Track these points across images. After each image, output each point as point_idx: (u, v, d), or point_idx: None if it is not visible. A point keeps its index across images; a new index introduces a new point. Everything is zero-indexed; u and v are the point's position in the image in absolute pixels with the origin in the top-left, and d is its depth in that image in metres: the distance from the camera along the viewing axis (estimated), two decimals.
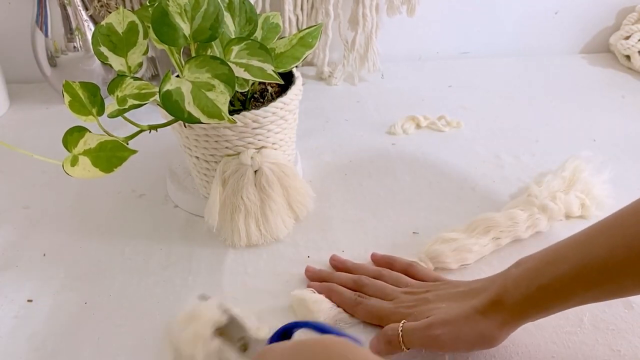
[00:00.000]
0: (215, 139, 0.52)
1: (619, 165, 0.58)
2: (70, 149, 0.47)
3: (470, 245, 0.53)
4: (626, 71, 0.92)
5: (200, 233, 0.58)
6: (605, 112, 0.80)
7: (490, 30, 0.96)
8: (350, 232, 0.58)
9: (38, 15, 0.77)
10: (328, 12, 0.83)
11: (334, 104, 0.84)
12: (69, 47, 0.78)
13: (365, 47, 0.87)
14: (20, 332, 0.48)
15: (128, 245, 0.57)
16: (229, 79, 0.45)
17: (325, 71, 0.90)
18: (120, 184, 0.65)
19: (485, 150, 0.71)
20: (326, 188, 0.64)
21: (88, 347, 0.46)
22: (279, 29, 0.56)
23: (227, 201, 0.54)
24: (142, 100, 0.47)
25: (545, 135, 0.74)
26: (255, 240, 0.55)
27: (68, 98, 0.48)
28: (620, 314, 0.48)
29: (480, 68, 0.93)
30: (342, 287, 0.49)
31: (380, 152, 0.71)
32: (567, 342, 0.46)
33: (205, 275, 0.53)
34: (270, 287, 0.52)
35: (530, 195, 0.58)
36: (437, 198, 0.63)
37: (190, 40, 0.47)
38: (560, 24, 0.96)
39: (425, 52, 0.98)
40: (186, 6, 0.46)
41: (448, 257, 0.52)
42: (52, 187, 0.66)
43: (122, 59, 0.50)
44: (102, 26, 0.50)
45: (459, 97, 0.84)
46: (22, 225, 0.60)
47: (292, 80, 0.57)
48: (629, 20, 0.93)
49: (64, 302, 0.51)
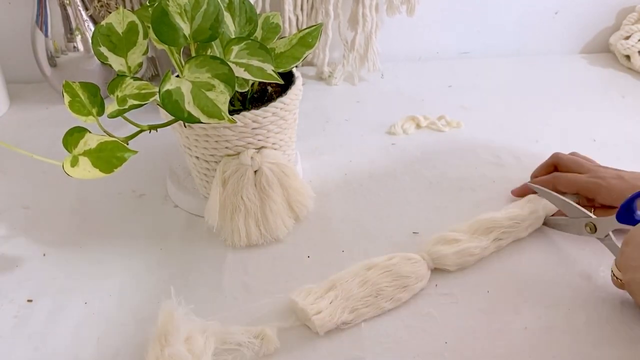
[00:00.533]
0: (215, 139, 0.52)
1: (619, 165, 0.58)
2: (71, 149, 0.47)
3: (472, 248, 0.53)
4: (626, 71, 0.92)
5: (200, 233, 0.58)
6: (605, 112, 0.80)
7: (490, 30, 0.96)
8: (350, 232, 0.58)
9: (38, 15, 0.77)
10: (328, 12, 0.83)
11: (334, 104, 0.84)
12: (69, 47, 0.78)
13: (365, 47, 0.87)
14: (20, 332, 0.48)
15: (128, 245, 0.57)
16: (229, 78, 0.45)
17: (325, 71, 0.90)
18: (120, 184, 0.65)
19: (485, 150, 0.71)
20: (326, 188, 0.64)
21: (88, 347, 0.47)
22: (279, 29, 0.56)
23: (227, 201, 0.54)
24: (142, 101, 0.47)
25: (545, 135, 0.74)
26: (255, 240, 0.55)
27: (68, 98, 0.48)
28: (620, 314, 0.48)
29: (480, 68, 0.93)
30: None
31: (380, 152, 0.71)
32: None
33: (205, 275, 0.53)
34: (270, 287, 0.52)
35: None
36: (437, 198, 0.63)
37: (190, 40, 0.47)
38: (560, 24, 0.96)
39: (425, 52, 0.98)
40: (186, 6, 0.46)
41: (449, 259, 0.52)
42: (52, 187, 0.66)
43: (122, 59, 0.50)
44: (102, 26, 0.50)
45: (459, 97, 0.84)
46: (22, 225, 0.60)
47: (292, 80, 0.57)
48: (629, 20, 0.93)
49: (64, 302, 0.51)
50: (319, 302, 0.48)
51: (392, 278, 0.50)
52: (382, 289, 0.49)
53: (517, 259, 0.54)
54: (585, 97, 0.84)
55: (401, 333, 0.47)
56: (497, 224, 0.54)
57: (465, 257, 0.52)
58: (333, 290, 0.49)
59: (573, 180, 0.57)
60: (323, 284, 0.50)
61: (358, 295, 0.49)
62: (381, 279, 0.50)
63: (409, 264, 0.51)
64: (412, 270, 0.50)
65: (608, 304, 0.49)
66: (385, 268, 0.51)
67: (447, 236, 0.53)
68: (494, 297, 0.50)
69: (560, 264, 0.53)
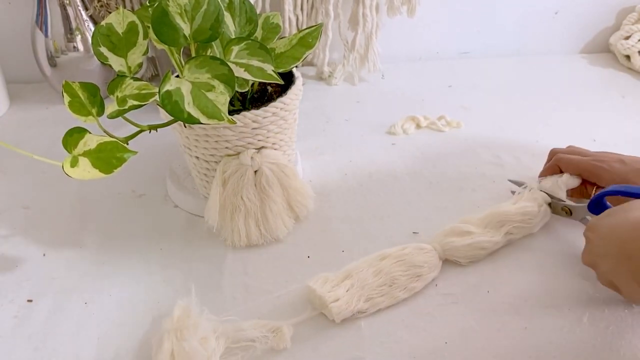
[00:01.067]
0: (215, 139, 0.52)
1: None
2: (70, 150, 0.47)
3: (484, 242, 0.53)
4: (626, 71, 0.92)
5: (200, 233, 0.58)
6: (605, 112, 0.80)
7: (490, 30, 0.96)
8: (350, 232, 0.58)
9: (38, 15, 0.77)
10: (328, 12, 0.83)
11: (334, 104, 0.84)
12: (69, 47, 0.78)
13: (366, 48, 0.87)
14: (20, 332, 0.48)
15: (128, 245, 0.57)
16: (229, 79, 0.45)
17: (325, 71, 0.90)
18: (120, 184, 0.65)
19: (485, 150, 0.71)
20: (326, 188, 0.64)
21: (88, 347, 0.47)
22: (279, 29, 0.56)
23: (227, 201, 0.54)
24: (142, 101, 0.47)
25: (545, 135, 0.74)
26: (255, 240, 0.56)
27: (68, 98, 0.48)
28: (620, 314, 0.48)
29: (480, 68, 0.93)
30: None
31: (380, 152, 0.71)
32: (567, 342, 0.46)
33: (205, 275, 0.53)
34: (270, 287, 0.52)
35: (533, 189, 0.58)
36: (437, 198, 0.63)
37: (190, 40, 0.47)
38: (560, 24, 0.96)
39: (425, 52, 0.98)
40: (186, 6, 0.46)
41: (460, 251, 0.52)
42: (52, 187, 0.66)
43: (122, 59, 0.50)
44: (102, 26, 0.50)
45: (459, 97, 0.84)
46: (22, 225, 0.60)
47: (292, 80, 0.57)
48: (629, 20, 0.93)
49: (64, 302, 0.51)
50: (335, 290, 0.48)
51: (406, 267, 0.50)
52: (396, 278, 0.50)
53: (517, 259, 0.54)
54: (585, 97, 0.84)
55: (401, 333, 0.47)
56: (509, 218, 0.55)
57: (477, 250, 0.53)
58: (349, 279, 0.49)
59: (576, 162, 0.57)
60: (339, 273, 0.50)
61: (373, 284, 0.49)
62: (395, 268, 0.50)
63: (422, 253, 0.52)
64: (425, 260, 0.51)
65: (608, 304, 0.49)
66: (398, 258, 0.51)
67: (459, 227, 0.54)
68: (494, 297, 0.50)
69: (561, 263, 0.53)
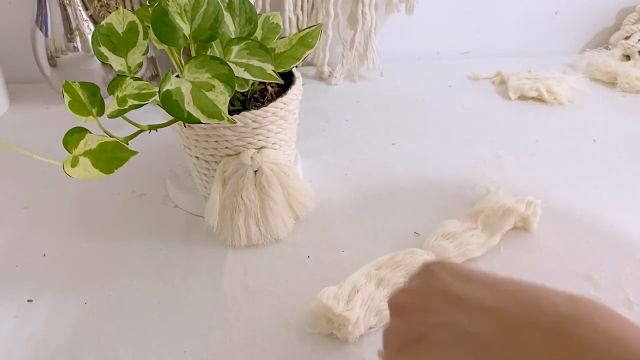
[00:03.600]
0: (215, 139, 0.52)
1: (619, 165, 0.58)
2: (71, 149, 0.47)
3: (467, 237, 0.54)
4: None
5: (200, 233, 0.58)
6: (605, 112, 0.80)
7: (490, 30, 0.96)
8: (350, 232, 0.58)
9: (38, 15, 0.77)
10: (328, 12, 0.83)
11: (334, 104, 0.84)
12: (69, 47, 0.78)
13: (365, 46, 0.87)
14: (20, 332, 0.48)
15: (128, 245, 0.57)
16: (229, 79, 0.45)
17: (325, 71, 0.90)
18: (120, 184, 0.65)
19: (485, 150, 0.71)
20: (326, 188, 0.64)
21: (88, 347, 0.47)
22: (279, 29, 0.56)
23: (227, 201, 0.54)
24: (142, 101, 0.47)
25: (545, 135, 0.74)
26: (255, 240, 0.56)
27: (68, 98, 0.48)
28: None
29: (480, 68, 0.93)
30: None
31: (380, 152, 0.71)
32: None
33: (205, 275, 0.53)
34: (270, 287, 0.52)
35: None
36: (437, 198, 0.63)
37: (190, 40, 0.47)
38: (560, 24, 0.96)
39: (425, 52, 0.98)
40: (186, 6, 0.46)
41: (451, 252, 0.53)
42: (52, 187, 0.66)
43: (122, 59, 0.50)
44: (102, 26, 0.50)
45: (459, 97, 0.84)
46: (22, 225, 0.60)
47: (292, 80, 0.57)
48: (629, 20, 0.93)
49: (64, 302, 0.51)
50: (352, 307, 0.46)
51: (405, 272, 0.50)
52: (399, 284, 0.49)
53: (516, 259, 0.54)
54: (585, 97, 0.84)
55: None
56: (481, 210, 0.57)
57: (462, 246, 0.53)
58: (359, 293, 0.47)
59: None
60: (345, 287, 0.48)
61: (378, 297, 0.48)
62: (394, 274, 0.50)
63: (416, 256, 0.51)
64: (423, 260, 0.51)
65: (608, 304, 0.49)
66: (395, 263, 0.51)
67: (445, 231, 0.55)
68: None
69: (560, 263, 0.53)
